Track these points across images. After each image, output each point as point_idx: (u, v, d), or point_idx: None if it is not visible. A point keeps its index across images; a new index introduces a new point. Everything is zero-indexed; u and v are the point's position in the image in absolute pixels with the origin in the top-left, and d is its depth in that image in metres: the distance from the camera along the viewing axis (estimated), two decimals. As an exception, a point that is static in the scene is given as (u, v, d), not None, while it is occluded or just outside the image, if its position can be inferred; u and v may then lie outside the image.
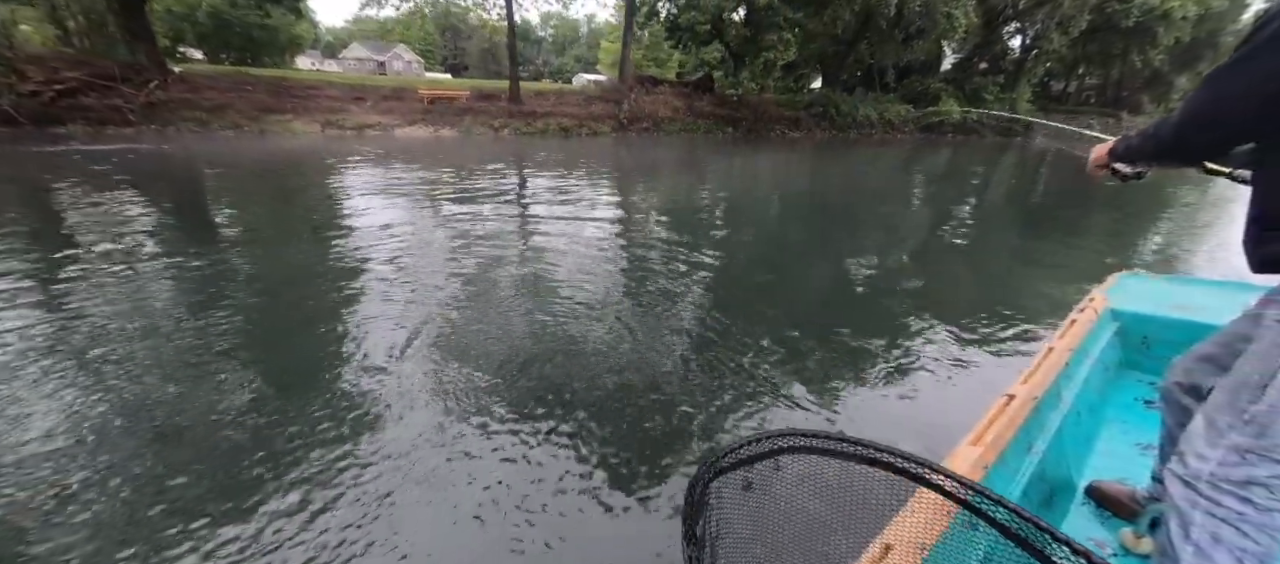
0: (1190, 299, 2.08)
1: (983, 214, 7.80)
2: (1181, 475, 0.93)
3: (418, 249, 5.16)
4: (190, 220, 6.49)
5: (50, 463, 2.18)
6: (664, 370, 2.94)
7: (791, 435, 0.72)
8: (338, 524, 1.92)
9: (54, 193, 7.28)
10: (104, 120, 13.44)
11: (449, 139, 16.27)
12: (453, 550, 1.83)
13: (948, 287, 4.63)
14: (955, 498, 0.64)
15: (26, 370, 2.81)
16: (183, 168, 10.11)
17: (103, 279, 4.15)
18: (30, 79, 13.09)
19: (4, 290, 3.85)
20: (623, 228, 6.37)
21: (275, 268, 4.70)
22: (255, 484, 2.11)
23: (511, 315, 3.69)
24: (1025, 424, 1.28)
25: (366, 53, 65.52)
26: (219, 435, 2.37)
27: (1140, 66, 31.45)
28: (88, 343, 3.12)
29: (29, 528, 1.88)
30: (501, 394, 2.70)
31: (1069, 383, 1.59)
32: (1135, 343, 2.03)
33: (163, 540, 1.86)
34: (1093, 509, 1.38)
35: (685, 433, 2.45)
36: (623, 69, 22.75)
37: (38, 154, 10.40)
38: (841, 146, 20.31)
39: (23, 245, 4.96)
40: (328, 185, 8.69)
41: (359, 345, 3.22)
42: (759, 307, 3.93)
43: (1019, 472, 1.23)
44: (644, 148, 16.55)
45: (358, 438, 2.37)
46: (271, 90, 16.44)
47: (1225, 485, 0.88)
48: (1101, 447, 1.64)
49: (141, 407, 2.54)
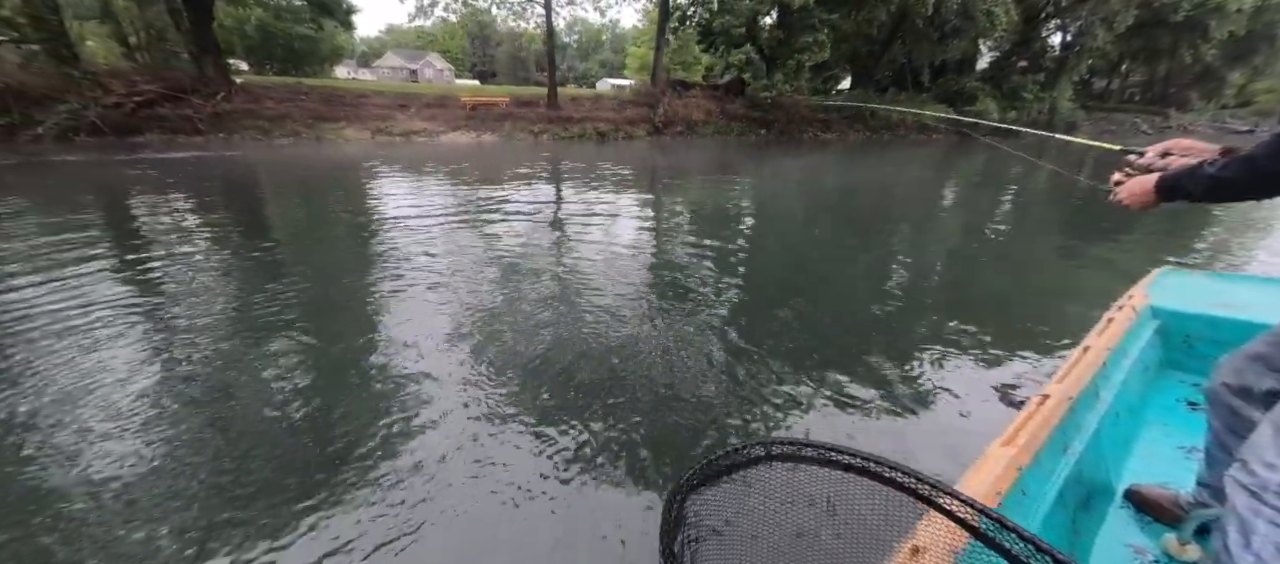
0: (1235, 297, 1.99)
1: (1022, 212, 7.62)
2: (1247, 484, 0.89)
3: (462, 249, 5.35)
4: (258, 220, 6.89)
5: (117, 425, 2.45)
6: (695, 372, 2.91)
7: (767, 444, 0.66)
8: (371, 516, 1.95)
9: (141, 196, 7.93)
10: (176, 130, 14.37)
11: (491, 144, 16.80)
12: (489, 543, 1.85)
13: (983, 286, 4.49)
14: (967, 525, 0.57)
15: (113, 337, 3.24)
16: (250, 173, 10.72)
17: (185, 269, 4.60)
18: (113, 92, 14.10)
19: (110, 280, 4.33)
20: (662, 231, 6.46)
21: (331, 262, 4.98)
22: (299, 460, 2.22)
23: (549, 313, 3.74)
24: (1061, 424, 1.23)
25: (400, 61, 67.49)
26: (266, 414, 2.53)
27: (1190, 62, 30.25)
28: (165, 327, 3.43)
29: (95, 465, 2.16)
30: (532, 390, 2.73)
31: (1107, 383, 1.54)
32: (1177, 342, 1.95)
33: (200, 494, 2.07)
34: (1132, 513, 1.33)
35: (710, 433, 2.41)
36: (655, 73, 23.05)
37: (123, 162, 11.23)
38: (875, 148, 20.15)
39: (117, 241, 5.49)
40: (380, 189, 9.03)
41: (402, 338, 3.32)
42: (792, 307, 3.93)
43: (1054, 473, 1.18)
44: (680, 151, 16.75)
45: (395, 433, 2.41)
46: (324, 100, 17.26)
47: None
48: (1141, 449, 1.58)
49: (201, 378, 2.82)
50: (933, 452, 2.27)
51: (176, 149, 13.18)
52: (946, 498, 0.59)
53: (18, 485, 2.07)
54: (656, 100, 20.88)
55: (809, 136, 22.56)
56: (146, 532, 1.88)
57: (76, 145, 13.16)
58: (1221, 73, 34.51)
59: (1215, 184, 0.97)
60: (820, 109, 23.64)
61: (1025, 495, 1.05)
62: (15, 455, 2.23)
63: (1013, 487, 1.00)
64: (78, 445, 2.30)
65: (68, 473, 2.13)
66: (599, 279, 4.47)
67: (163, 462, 2.21)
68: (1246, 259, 5.55)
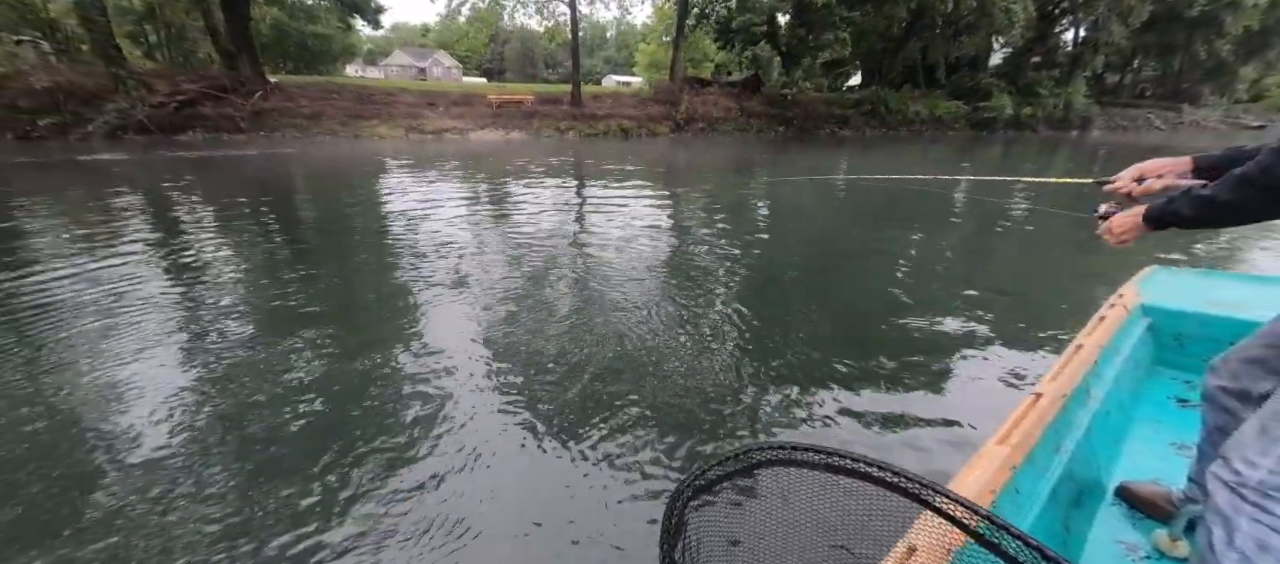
0: (1226, 294, 2.01)
1: (1030, 211, 7.59)
2: (1228, 481, 0.91)
3: (497, 245, 5.44)
4: (309, 215, 7.14)
5: (146, 394, 2.61)
6: (706, 367, 2.96)
7: (769, 449, 0.66)
8: (392, 507, 1.96)
9: (200, 192, 8.27)
10: (219, 128, 14.79)
11: (519, 141, 17.16)
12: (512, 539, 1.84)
13: (984, 285, 4.44)
14: (963, 526, 0.58)
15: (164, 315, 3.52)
16: (295, 169, 11.01)
17: (244, 259, 4.87)
18: (157, 92, 14.53)
19: (174, 270, 4.61)
20: (695, 229, 6.46)
21: (374, 254, 5.14)
22: (317, 444, 2.29)
23: (580, 310, 3.78)
24: (1053, 423, 1.25)
25: (408, 59, 67.82)
26: (288, 395, 2.61)
27: (1204, 57, 30.31)
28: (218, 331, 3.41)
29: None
30: (557, 389, 2.72)
31: (1098, 381, 1.56)
32: (1168, 340, 1.97)
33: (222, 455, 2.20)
34: (1124, 510, 1.35)
35: (717, 430, 2.43)
36: (673, 70, 23.36)
37: (175, 159, 11.60)
38: (891, 144, 20.38)
39: (184, 234, 5.74)
40: (417, 184, 9.17)
41: (438, 332, 3.37)
42: (803, 304, 4.00)
43: (1047, 471, 1.20)
44: (703, 148, 17.05)
45: (418, 420, 2.45)
46: (356, 98, 17.66)
47: (1274, 493, 0.87)
48: (1133, 446, 1.60)
49: (237, 367, 2.90)
50: (937, 448, 2.31)
51: (222, 147, 13.60)
52: (941, 499, 0.60)
53: (54, 461, 2.16)
54: (676, 97, 21.20)
55: (826, 133, 22.83)
56: (183, 509, 1.92)
57: (124, 143, 13.61)
58: (1235, 68, 34.49)
59: (1209, 205, 0.95)
60: (838, 105, 23.91)
61: (1018, 494, 1.08)
62: (43, 434, 2.33)
63: (1006, 485, 1.02)
64: (115, 425, 2.39)
65: (105, 453, 2.21)
66: (628, 275, 4.50)
67: (193, 441, 2.27)
68: (1236, 257, 5.59)
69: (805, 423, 2.47)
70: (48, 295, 3.84)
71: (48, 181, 8.63)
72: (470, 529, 1.85)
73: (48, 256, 4.73)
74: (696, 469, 0.68)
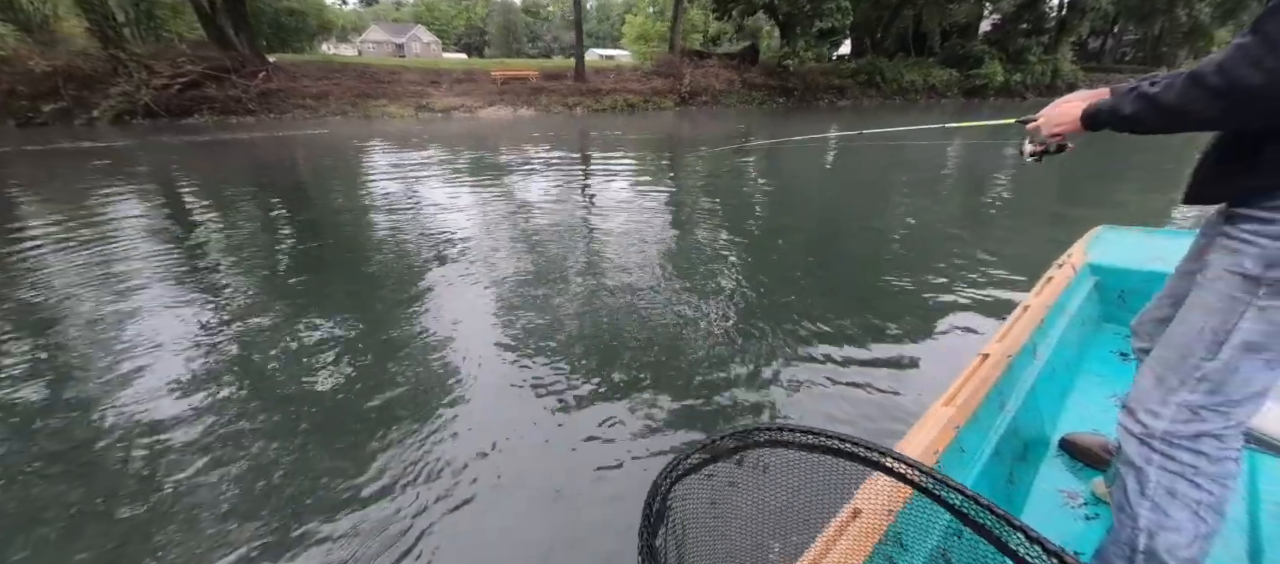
0: (1166, 251, 2.08)
1: (1010, 176, 7.60)
2: (1135, 433, 0.94)
3: (519, 221, 5.50)
4: (331, 197, 7.00)
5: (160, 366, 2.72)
6: (693, 340, 2.98)
7: (751, 433, 0.69)
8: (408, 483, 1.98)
9: (223, 177, 8.12)
10: (227, 110, 14.54)
11: (528, 117, 17.16)
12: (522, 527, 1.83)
13: (950, 250, 4.53)
14: (916, 485, 0.63)
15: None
16: (309, 152, 10.69)
17: (273, 245, 4.94)
18: (159, 74, 14.17)
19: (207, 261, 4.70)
20: (715, 202, 6.49)
21: (393, 233, 5.14)
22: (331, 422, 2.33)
23: (593, 285, 3.81)
24: (998, 383, 1.29)
25: (384, 34, 65.52)
26: (297, 388, 2.60)
27: (1184, 20, 31.10)
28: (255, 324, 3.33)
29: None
30: (575, 374, 2.71)
31: (1044, 339, 1.61)
32: (1113, 297, 2.03)
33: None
34: (1066, 461, 1.40)
35: (706, 405, 2.45)
36: (673, 43, 23.31)
37: (187, 144, 11.40)
38: (888, 113, 20.81)
39: (208, 224, 5.62)
40: (433, 163, 9.18)
41: (442, 304, 3.44)
42: (787, 271, 4.03)
43: (991, 429, 1.25)
44: (708, 120, 17.26)
45: (428, 399, 2.48)
46: (359, 77, 17.38)
47: (1178, 440, 0.89)
48: (1076, 400, 1.65)
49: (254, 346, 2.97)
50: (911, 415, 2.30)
51: (232, 130, 13.40)
52: (890, 460, 0.64)
53: (67, 439, 2.22)
54: (677, 70, 21.23)
55: (825, 103, 23.16)
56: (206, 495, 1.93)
57: (132, 128, 13.34)
58: (1210, 30, 35.48)
59: (1151, 105, 0.85)
60: (836, 75, 24.17)
61: (963, 452, 1.12)
62: (57, 412, 2.40)
63: (950, 444, 1.07)
64: (126, 407, 2.42)
65: (117, 434, 2.25)
66: (639, 251, 4.48)
67: (212, 428, 2.29)
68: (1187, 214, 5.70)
69: (787, 395, 2.49)
70: (69, 285, 3.84)
71: (59, 171, 8.36)
72: (478, 505, 1.87)
73: (69, 247, 4.66)
74: (674, 457, 0.70)
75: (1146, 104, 0.86)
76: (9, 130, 12.74)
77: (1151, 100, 0.85)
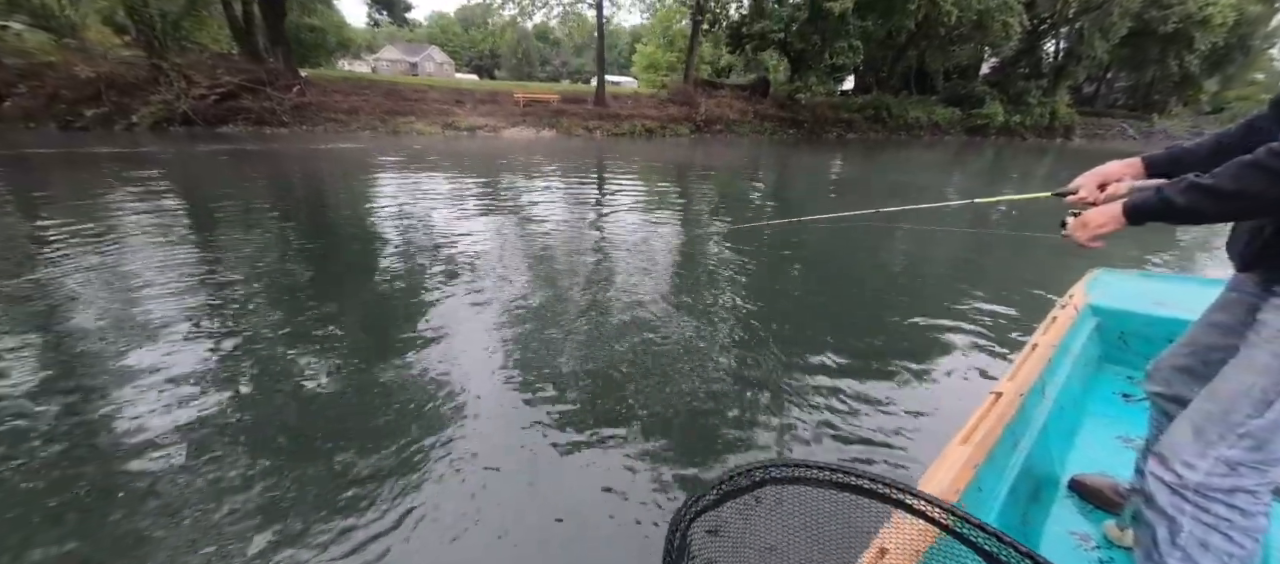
0: (1163, 295, 2.14)
1: (1011, 215, 7.85)
2: (1168, 482, 0.93)
3: (542, 240, 5.61)
4: (362, 210, 7.11)
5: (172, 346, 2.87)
6: (704, 377, 2.95)
7: (772, 467, 0.69)
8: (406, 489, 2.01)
9: (251, 185, 8.44)
10: (261, 121, 14.97)
11: (549, 139, 17.69)
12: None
13: (957, 286, 4.62)
14: (946, 528, 0.61)
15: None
16: (341, 164, 10.99)
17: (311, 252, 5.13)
18: (198, 84, 14.64)
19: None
20: (729, 230, 6.58)
21: (416, 251, 5.19)
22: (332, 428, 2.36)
23: (613, 311, 3.82)
24: (1012, 422, 1.30)
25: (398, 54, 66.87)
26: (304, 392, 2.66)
27: (1175, 70, 32.46)
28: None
29: None
30: (578, 397, 2.71)
31: (1052, 379, 1.62)
32: (1113, 338, 2.07)
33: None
34: (1076, 502, 1.40)
35: (717, 440, 2.43)
36: (688, 73, 24.19)
37: (227, 152, 11.74)
38: (894, 148, 21.49)
39: (238, 230, 5.91)
40: (460, 180, 9.39)
41: (455, 328, 3.41)
42: (799, 320, 3.93)
43: (1007, 468, 1.25)
44: (724, 149, 17.79)
45: (428, 411, 2.50)
46: (387, 94, 17.94)
47: (1213, 493, 0.89)
48: (1083, 440, 1.66)
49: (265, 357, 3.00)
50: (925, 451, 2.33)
51: (266, 141, 13.79)
52: (921, 502, 0.63)
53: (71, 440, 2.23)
54: (692, 99, 21.99)
55: (834, 136, 23.92)
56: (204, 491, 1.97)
57: (170, 135, 13.73)
58: (1199, 80, 36.95)
59: (1210, 194, 0.86)
60: (844, 110, 25.02)
61: (981, 491, 1.12)
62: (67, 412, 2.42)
63: (970, 484, 1.07)
64: (134, 415, 2.41)
65: (124, 443, 2.25)
66: (654, 280, 4.50)
67: (216, 428, 2.33)
68: (1178, 261, 5.96)
69: (801, 433, 2.47)
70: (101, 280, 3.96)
71: (106, 176, 8.41)
72: (488, 526, 1.86)
73: (111, 248, 4.77)
74: (695, 494, 0.70)
75: (1202, 195, 0.87)
76: (51, 133, 13.09)
77: (1208, 191, 0.86)
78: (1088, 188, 1.19)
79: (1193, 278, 2.47)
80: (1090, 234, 1.06)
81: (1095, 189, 1.18)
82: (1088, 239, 1.07)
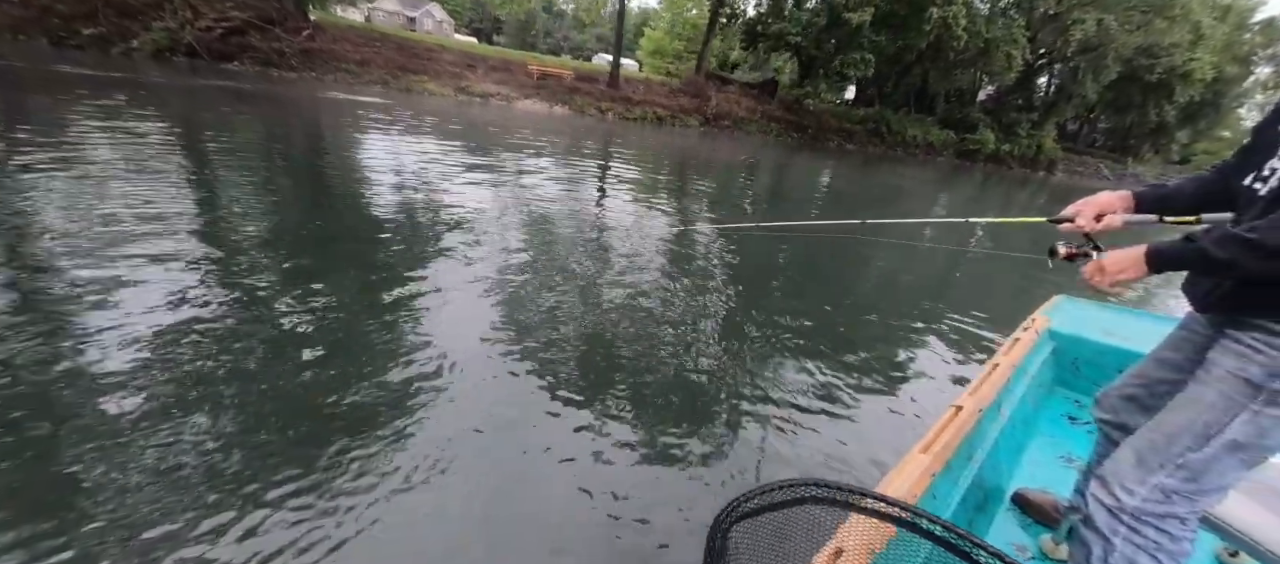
0: (1117, 326, 2.22)
1: (994, 237, 8.19)
2: (1108, 505, 0.98)
3: (552, 218, 5.55)
4: (366, 166, 6.83)
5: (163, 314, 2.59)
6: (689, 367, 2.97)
7: (803, 486, 0.69)
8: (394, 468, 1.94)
9: (264, 128, 8.22)
10: (268, 62, 14.43)
11: (563, 116, 17.59)
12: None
13: (934, 302, 4.75)
14: (901, 522, 0.66)
15: None
16: (352, 115, 10.66)
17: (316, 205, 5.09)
18: (204, 15, 13.99)
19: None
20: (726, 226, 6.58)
21: (418, 218, 4.97)
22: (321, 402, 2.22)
23: (626, 305, 3.72)
24: (970, 435, 1.36)
25: (397, 6, 64.48)
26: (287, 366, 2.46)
27: (1153, 118, 34.17)
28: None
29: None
30: (580, 376, 2.71)
31: (1009, 397, 1.70)
32: (1067, 363, 2.16)
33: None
34: (1017, 515, 1.47)
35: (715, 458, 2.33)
36: (700, 65, 24.27)
37: (231, 90, 11.35)
38: (890, 163, 22.10)
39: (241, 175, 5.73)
40: (475, 147, 9.31)
41: (449, 303, 3.29)
42: (780, 318, 3.91)
43: (960, 479, 1.32)
44: (732, 145, 18.02)
45: (418, 389, 2.40)
46: (398, 49, 17.48)
47: (1146, 518, 0.95)
48: (1030, 457, 1.75)
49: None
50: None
51: (273, 82, 13.35)
52: (883, 505, 0.66)
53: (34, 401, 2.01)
54: (703, 91, 22.12)
55: (835, 144, 24.44)
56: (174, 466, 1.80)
57: (172, 65, 13.13)
58: (1173, 130, 39.03)
59: (1258, 251, 0.83)
60: (847, 120, 25.55)
61: (935, 498, 1.18)
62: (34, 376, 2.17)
63: (926, 491, 1.12)
64: (101, 380, 2.18)
65: (91, 404, 2.05)
66: (632, 276, 4.36)
67: (179, 402, 2.10)
68: (1138, 291, 6.15)
69: (771, 441, 2.46)
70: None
71: (95, 97, 7.90)
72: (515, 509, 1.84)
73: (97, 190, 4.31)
74: (738, 496, 0.71)
75: (1243, 249, 0.85)
76: (41, 47, 12.38)
77: (1252, 246, 0.83)
78: (1084, 216, 1.18)
79: (1147, 313, 2.59)
80: (1110, 280, 1.04)
81: (1092, 218, 1.17)
82: (1107, 285, 1.05)
